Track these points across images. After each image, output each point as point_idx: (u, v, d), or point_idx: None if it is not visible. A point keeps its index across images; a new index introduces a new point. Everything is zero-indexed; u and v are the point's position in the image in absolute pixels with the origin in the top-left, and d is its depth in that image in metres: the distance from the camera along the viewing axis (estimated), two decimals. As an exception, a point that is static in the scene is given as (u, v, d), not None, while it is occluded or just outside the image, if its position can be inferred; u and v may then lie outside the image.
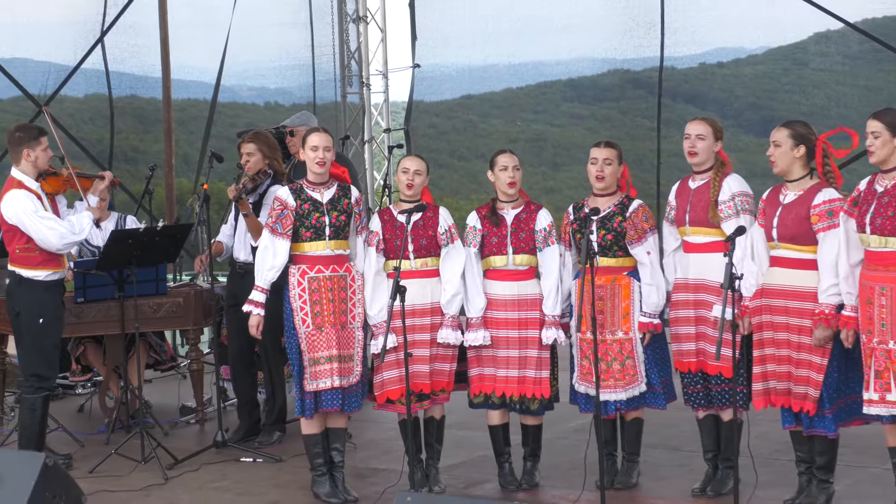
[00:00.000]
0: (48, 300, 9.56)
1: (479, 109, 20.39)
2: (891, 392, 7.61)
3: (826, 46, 16.73)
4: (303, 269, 8.71)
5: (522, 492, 8.95)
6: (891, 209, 7.53)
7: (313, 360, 8.64)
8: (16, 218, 9.38)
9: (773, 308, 8.11)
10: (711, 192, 8.39)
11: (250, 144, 10.30)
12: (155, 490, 9.41)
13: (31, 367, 9.64)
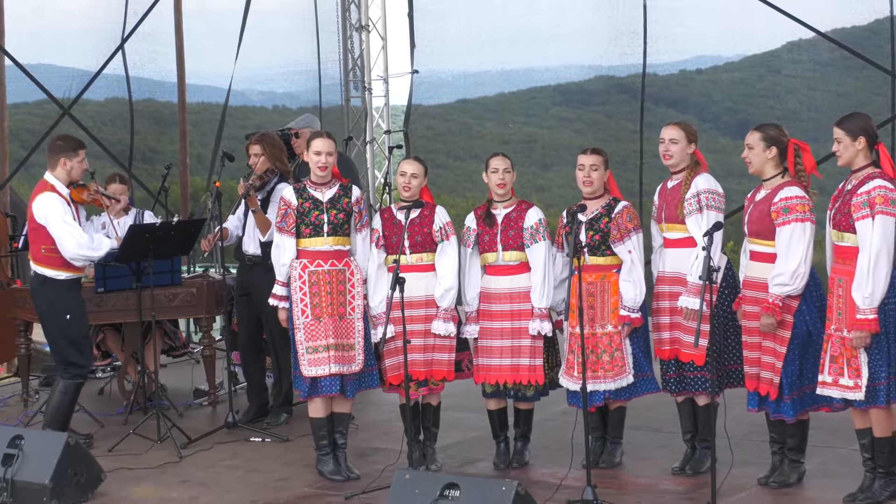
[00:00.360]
0: (70, 298, 9.62)
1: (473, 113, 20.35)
2: (843, 377, 7.67)
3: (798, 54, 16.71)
4: (303, 264, 8.73)
5: (514, 470, 8.97)
6: (847, 207, 7.61)
7: (311, 349, 8.66)
8: (45, 218, 9.40)
9: (746, 298, 8.19)
10: (682, 191, 8.44)
11: (257, 146, 10.34)
12: (170, 468, 9.42)
13: (66, 358, 9.68)
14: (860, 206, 7.55)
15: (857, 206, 7.56)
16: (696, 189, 8.41)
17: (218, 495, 8.74)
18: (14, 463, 8.55)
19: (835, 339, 7.71)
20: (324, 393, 8.75)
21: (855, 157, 7.73)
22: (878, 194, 7.54)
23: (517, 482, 7.22)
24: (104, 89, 16.21)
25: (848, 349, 7.63)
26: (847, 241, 7.66)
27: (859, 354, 7.60)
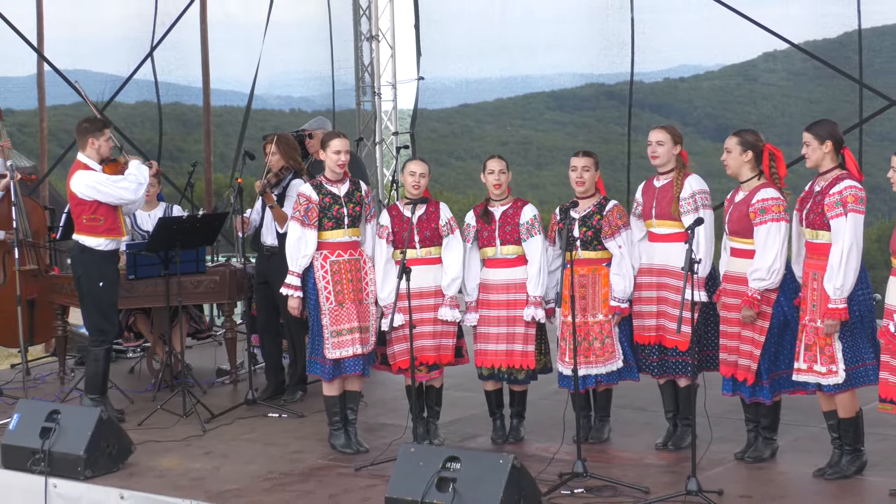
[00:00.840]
0: (106, 266, 9.63)
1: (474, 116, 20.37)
2: (817, 363, 7.69)
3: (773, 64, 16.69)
4: (325, 254, 8.73)
5: (510, 445, 8.96)
6: (820, 207, 7.63)
7: (336, 332, 8.67)
8: (90, 191, 9.45)
9: (727, 291, 8.19)
10: (675, 190, 8.43)
11: (272, 145, 10.34)
12: (194, 441, 9.42)
13: (94, 324, 9.72)
14: (833, 205, 7.58)
15: (831, 205, 7.58)
16: (691, 189, 8.41)
17: (238, 466, 8.73)
18: (51, 436, 8.55)
19: (809, 329, 7.73)
20: (348, 372, 8.78)
21: (822, 160, 7.77)
22: (850, 193, 7.56)
23: (513, 456, 7.21)
24: (135, 93, 16.21)
25: (822, 338, 7.65)
26: (821, 239, 7.68)
27: (833, 343, 7.61)
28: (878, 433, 8.34)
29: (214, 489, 8.21)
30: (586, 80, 16.77)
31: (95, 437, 8.54)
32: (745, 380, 8.11)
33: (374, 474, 8.32)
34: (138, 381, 11.54)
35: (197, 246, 10.58)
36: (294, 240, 8.76)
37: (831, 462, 8.03)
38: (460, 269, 8.82)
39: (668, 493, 7.60)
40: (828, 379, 7.69)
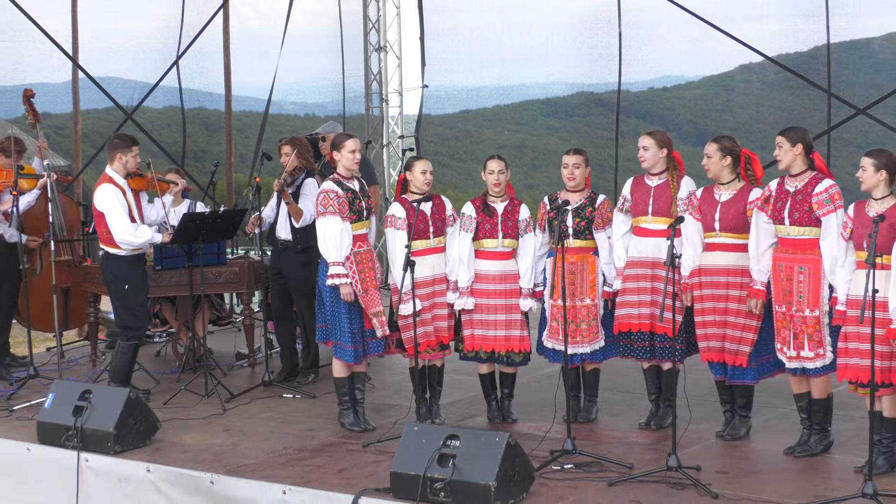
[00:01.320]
0: (131, 270, 9.61)
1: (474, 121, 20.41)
2: (804, 350, 7.69)
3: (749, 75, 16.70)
4: None
5: (505, 424, 8.95)
6: (805, 205, 7.64)
7: (373, 315, 8.69)
8: (101, 206, 9.47)
9: (716, 283, 8.17)
10: (672, 191, 8.43)
11: (288, 146, 10.34)
12: (215, 419, 9.41)
13: (123, 322, 9.72)
14: (823, 203, 7.62)
15: (821, 203, 7.62)
16: (687, 191, 8.45)
17: (256, 442, 8.72)
18: (84, 413, 8.57)
19: (796, 318, 7.71)
20: (373, 353, 8.85)
21: (793, 162, 7.80)
22: (835, 192, 7.64)
23: (508, 434, 7.21)
24: (161, 98, 16.20)
25: (810, 326, 7.66)
26: (807, 234, 7.69)
27: (822, 329, 7.62)
28: (845, 415, 8.34)
29: (234, 463, 8.20)
30: (577, 89, 16.77)
31: (124, 415, 8.55)
32: (739, 364, 8.12)
33: (381, 450, 8.31)
34: (164, 364, 11.54)
35: (218, 240, 10.58)
36: (337, 232, 8.62)
37: (800, 441, 8.03)
38: (459, 255, 8.82)
39: (650, 469, 7.60)
40: (815, 363, 7.72)
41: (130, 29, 16.52)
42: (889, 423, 7.47)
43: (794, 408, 8.14)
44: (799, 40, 14.07)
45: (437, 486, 7.10)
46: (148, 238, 9.60)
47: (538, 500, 7.20)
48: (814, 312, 7.66)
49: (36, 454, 8.73)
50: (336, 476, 7.84)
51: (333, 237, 8.65)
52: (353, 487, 7.50)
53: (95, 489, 8.41)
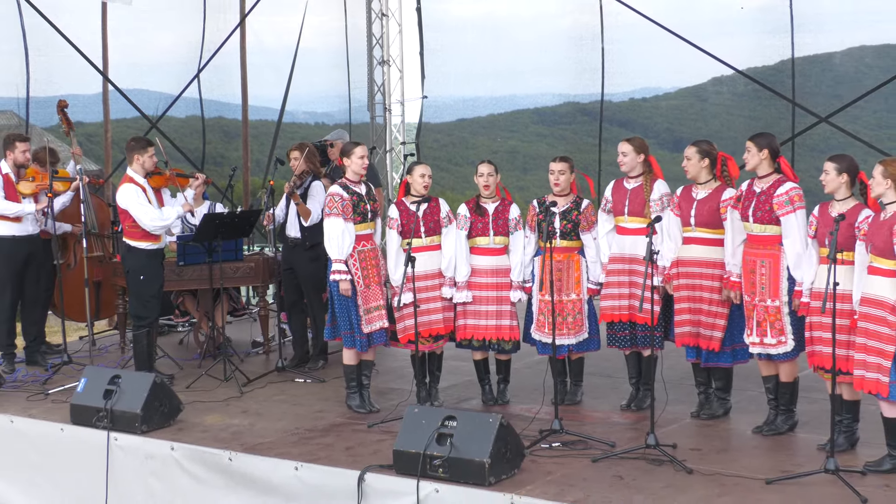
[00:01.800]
0: (148, 264, 9.64)
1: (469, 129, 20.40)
2: (767, 336, 7.72)
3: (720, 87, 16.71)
4: (353, 245, 8.70)
5: (498, 406, 8.95)
6: (767, 205, 7.66)
7: (367, 311, 8.68)
8: (124, 203, 9.51)
9: (692, 274, 8.19)
10: (645, 193, 8.43)
11: (297, 151, 10.36)
12: (233, 401, 9.42)
13: (135, 310, 9.81)
14: (783, 203, 7.64)
15: (781, 204, 7.65)
16: (659, 193, 8.45)
17: (270, 423, 8.72)
18: (113, 396, 8.58)
19: (759, 308, 7.74)
20: (377, 343, 8.83)
21: (759, 165, 7.84)
22: (795, 194, 7.66)
23: (501, 415, 7.22)
24: (183, 108, 16.16)
25: (771, 315, 7.68)
26: (769, 232, 7.72)
27: (783, 318, 7.63)
28: (809, 397, 8.35)
29: (250, 442, 8.20)
30: (564, 99, 16.76)
31: (150, 398, 8.55)
32: (712, 348, 8.14)
33: (384, 430, 8.31)
34: (186, 351, 11.54)
35: (236, 237, 10.57)
36: (338, 233, 8.64)
37: (768, 420, 8.04)
38: (455, 252, 8.80)
39: (630, 447, 7.62)
40: (777, 349, 7.74)
41: (155, 45, 16.52)
42: (849, 406, 7.49)
43: (762, 390, 8.15)
44: (766, 55, 14.08)
45: (436, 462, 7.11)
46: (175, 214, 9.71)
47: (528, 475, 7.20)
48: (774, 302, 7.69)
49: (69, 434, 8.73)
50: (343, 454, 7.84)
51: (336, 237, 8.66)
52: (358, 464, 7.50)
53: (124, 466, 8.42)
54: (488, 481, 6.98)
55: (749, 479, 7.01)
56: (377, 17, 16.43)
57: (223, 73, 16.03)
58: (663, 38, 13.13)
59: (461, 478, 7.04)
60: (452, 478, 7.07)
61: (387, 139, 16.69)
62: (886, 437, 7.10)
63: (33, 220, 10.56)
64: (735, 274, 7.94)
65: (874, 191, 7.02)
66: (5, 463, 9.08)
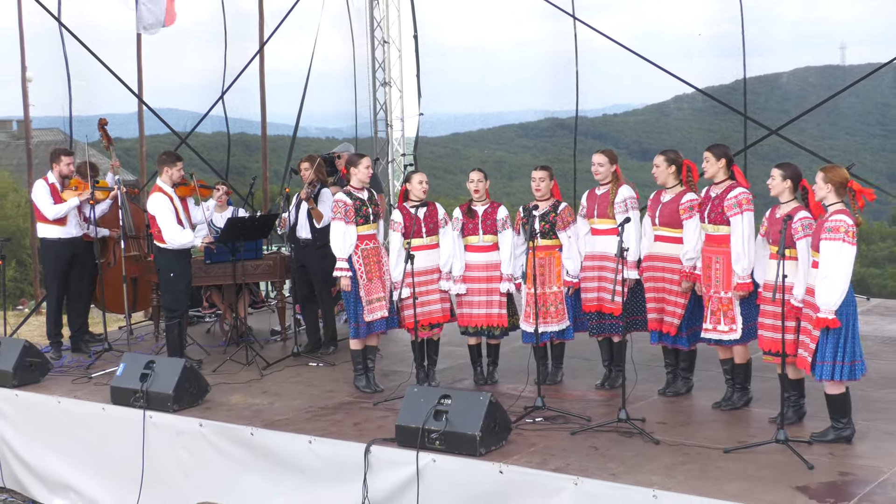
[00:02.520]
0: (176, 262, 9.59)
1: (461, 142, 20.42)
2: (720, 324, 7.71)
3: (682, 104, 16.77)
4: (357, 244, 8.66)
5: (488, 386, 8.92)
6: (720, 208, 7.66)
7: (369, 301, 8.66)
8: (152, 211, 9.48)
9: (656, 268, 8.19)
10: (610, 197, 8.40)
11: (306, 163, 10.33)
12: (254, 383, 9.38)
13: (166, 304, 9.75)
14: (732, 206, 7.64)
15: (730, 206, 7.64)
16: (622, 196, 8.40)
17: (287, 401, 8.69)
18: (148, 379, 8.54)
19: (714, 298, 7.72)
20: (377, 331, 8.79)
21: (717, 172, 7.81)
22: (744, 197, 7.63)
23: (490, 394, 7.20)
24: (210, 126, 16.14)
25: (724, 305, 7.67)
26: (721, 231, 7.71)
27: (734, 308, 7.61)
28: (762, 376, 8.30)
29: (270, 419, 8.17)
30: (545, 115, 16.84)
31: (181, 381, 8.52)
32: (669, 332, 8.14)
33: (388, 408, 8.27)
34: (212, 339, 11.49)
35: (256, 238, 10.55)
36: (340, 234, 8.63)
37: (725, 397, 8.02)
38: (452, 250, 8.77)
39: (604, 421, 7.59)
40: (729, 335, 7.72)
41: (184, 70, 16.59)
42: (794, 384, 7.48)
43: (720, 370, 8.12)
44: (721, 75, 14.14)
45: (433, 436, 7.08)
46: (188, 240, 9.59)
47: (515, 447, 7.17)
48: (727, 294, 7.69)
49: (109, 413, 8.70)
50: (352, 429, 7.81)
51: (338, 238, 8.65)
52: (365, 438, 7.47)
53: (157, 441, 8.38)
54: (479, 452, 6.95)
55: (709, 448, 6.99)
56: (380, 44, 16.43)
57: (245, 94, 16.00)
58: (631, 61, 13.11)
59: (455, 449, 7.01)
60: (448, 449, 7.04)
61: (389, 151, 16.67)
62: (829, 412, 7.08)
63: (77, 224, 10.54)
64: (697, 268, 7.92)
65: (817, 195, 7.00)
66: (53, 438, 9.05)
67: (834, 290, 6.70)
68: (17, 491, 9.30)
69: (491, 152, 22.74)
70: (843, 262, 6.70)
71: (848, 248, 6.70)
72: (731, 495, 6.13)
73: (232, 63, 15.56)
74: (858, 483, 6.34)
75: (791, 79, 17.07)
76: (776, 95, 16.23)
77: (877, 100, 23.14)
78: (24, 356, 9.51)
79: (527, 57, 16.34)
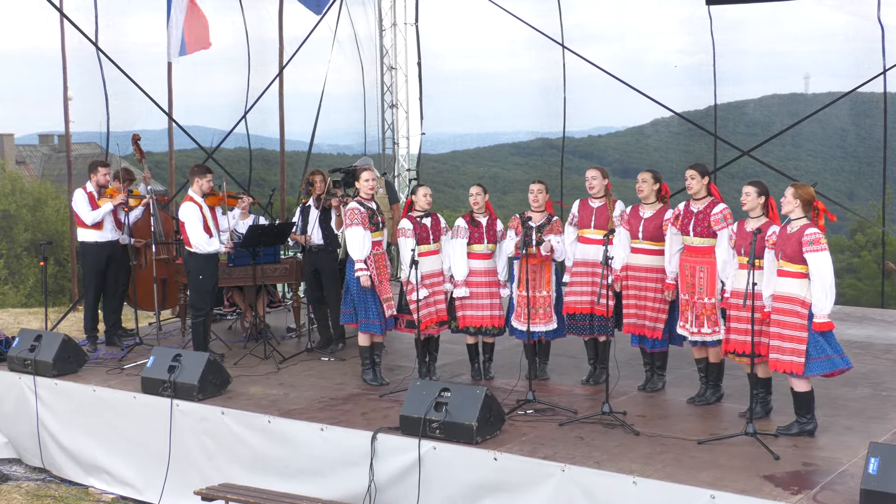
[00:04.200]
0: (205, 265, 9.52)
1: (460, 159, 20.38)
2: (704, 327, 7.66)
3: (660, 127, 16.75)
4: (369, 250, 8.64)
5: (483, 381, 8.87)
6: (705, 222, 7.62)
7: (383, 300, 8.61)
8: (182, 218, 9.46)
9: (638, 278, 8.13)
10: (609, 211, 8.34)
11: (319, 175, 10.27)
12: (272, 375, 9.33)
13: (193, 303, 9.69)
14: (719, 220, 7.61)
15: (717, 221, 7.62)
16: (619, 210, 8.37)
17: (301, 392, 8.65)
18: (176, 371, 8.50)
19: (697, 304, 7.67)
20: (390, 327, 8.77)
21: (700, 189, 7.72)
22: (727, 213, 7.61)
23: (486, 388, 7.17)
24: (233, 142, 16.04)
25: (708, 310, 7.62)
26: (707, 243, 7.66)
27: (717, 312, 7.58)
28: (733, 374, 8.29)
29: (286, 408, 8.12)
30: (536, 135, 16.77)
31: (205, 372, 8.47)
32: (656, 337, 8.07)
33: (393, 399, 8.23)
34: (234, 335, 11.43)
35: (274, 244, 10.51)
36: (360, 238, 8.58)
37: (699, 393, 7.98)
38: (455, 257, 8.71)
39: (589, 413, 7.55)
40: (712, 336, 7.69)
41: (211, 91, 16.44)
42: (762, 382, 7.46)
43: (695, 369, 8.08)
44: (694, 102, 14.15)
45: (434, 425, 7.05)
46: (215, 248, 9.52)
47: (508, 436, 7.13)
48: (711, 300, 7.63)
49: (140, 401, 8.65)
50: (360, 418, 7.76)
51: (357, 241, 8.59)
52: (372, 426, 7.43)
53: (183, 427, 8.33)
54: (476, 440, 6.91)
55: (684, 439, 6.96)
56: (387, 70, 16.41)
57: (265, 114, 15.98)
58: (613, 87, 13.08)
59: (454, 438, 6.98)
60: (447, 438, 7.00)
61: (395, 167, 16.65)
62: (795, 407, 7.05)
63: (112, 229, 10.52)
64: (671, 277, 7.88)
65: (784, 208, 6.95)
66: (89, 424, 9.00)
67: (830, 297, 6.70)
68: (54, 473, 9.25)
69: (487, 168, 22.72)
70: (830, 269, 6.70)
71: (829, 256, 6.72)
72: (704, 482, 6.11)
73: (253, 85, 15.56)
74: (820, 473, 6.31)
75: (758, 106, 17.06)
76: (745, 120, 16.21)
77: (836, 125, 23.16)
78: (63, 349, 9.46)
79: (519, 83, 16.28)
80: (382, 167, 16.18)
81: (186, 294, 11.16)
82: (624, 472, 6.32)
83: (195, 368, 8.48)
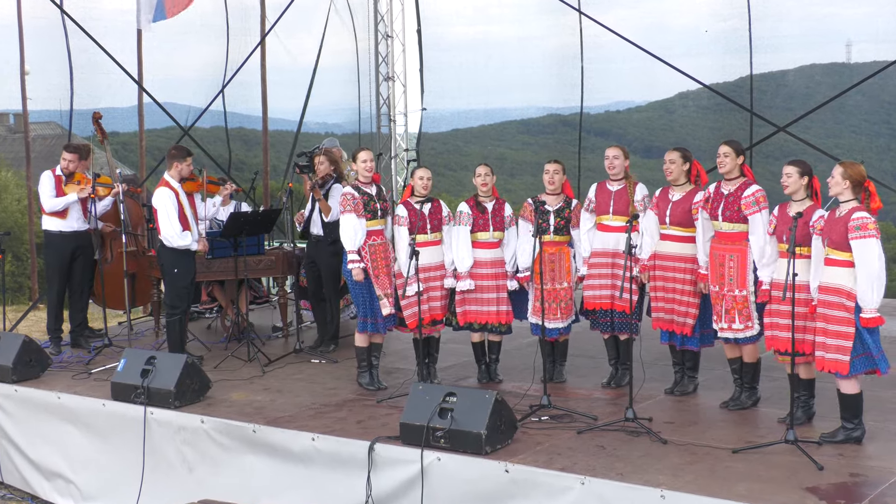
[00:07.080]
0: (181, 259, 9.52)
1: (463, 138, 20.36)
2: (735, 322, 7.66)
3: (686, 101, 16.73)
4: (364, 239, 8.63)
5: (492, 384, 8.89)
6: (736, 205, 7.59)
7: (379, 297, 8.62)
8: (156, 205, 9.42)
9: (666, 268, 8.11)
10: (629, 195, 8.34)
11: (323, 157, 10.26)
12: (256, 379, 9.35)
13: (169, 300, 9.69)
14: (750, 204, 7.59)
15: (748, 204, 7.60)
16: (641, 194, 8.37)
17: (289, 398, 8.66)
18: (149, 375, 8.52)
19: (728, 297, 7.67)
20: (390, 327, 8.77)
21: (734, 168, 7.70)
22: (760, 195, 7.59)
23: (496, 392, 7.17)
24: (209, 119, 16.08)
25: (739, 303, 7.61)
26: (737, 229, 7.64)
27: (750, 305, 7.58)
28: (770, 376, 8.29)
29: (272, 416, 8.14)
30: (547, 111, 16.78)
31: (183, 377, 8.49)
32: (685, 333, 8.09)
33: (392, 405, 8.25)
34: (214, 335, 11.46)
35: (258, 233, 10.52)
36: (350, 227, 8.60)
37: (733, 397, 7.99)
38: (458, 246, 8.71)
39: (611, 420, 7.56)
40: (745, 333, 7.69)
41: (185, 63, 16.46)
42: (805, 383, 7.45)
43: (729, 370, 8.10)
44: (727, 73, 14.07)
45: (438, 434, 7.06)
46: (186, 243, 9.46)
47: (520, 445, 7.14)
48: (742, 292, 7.63)
49: (110, 409, 8.67)
50: (355, 426, 7.77)
51: (348, 231, 8.61)
52: (369, 435, 7.44)
53: (159, 437, 8.36)
54: (485, 451, 6.92)
55: (717, 448, 6.96)
56: (383, 38, 16.38)
57: (245, 89, 15.98)
58: (635, 57, 13.08)
59: (461, 447, 6.98)
60: (453, 447, 7.01)
61: (392, 146, 16.64)
62: (841, 411, 7.05)
63: (79, 218, 10.52)
64: (703, 267, 7.87)
65: (832, 190, 6.93)
66: (54, 434, 9.02)
67: (877, 289, 6.67)
68: (17, 487, 9.28)
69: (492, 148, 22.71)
70: (878, 257, 6.68)
71: (877, 243, 6.70)
72: (740, 496, 6.10)
73: (232, 57, 15.56)
74: (869, 484, 6.32)
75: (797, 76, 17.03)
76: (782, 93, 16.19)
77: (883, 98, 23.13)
78: (24, 351, 9.47)
79: (530, 52, 16.26)
80: (378, 147, 16.19)
81: (160, 290, 11.18)
82: (650, 485, 6.32)
83: (171, 372, 8.49)
